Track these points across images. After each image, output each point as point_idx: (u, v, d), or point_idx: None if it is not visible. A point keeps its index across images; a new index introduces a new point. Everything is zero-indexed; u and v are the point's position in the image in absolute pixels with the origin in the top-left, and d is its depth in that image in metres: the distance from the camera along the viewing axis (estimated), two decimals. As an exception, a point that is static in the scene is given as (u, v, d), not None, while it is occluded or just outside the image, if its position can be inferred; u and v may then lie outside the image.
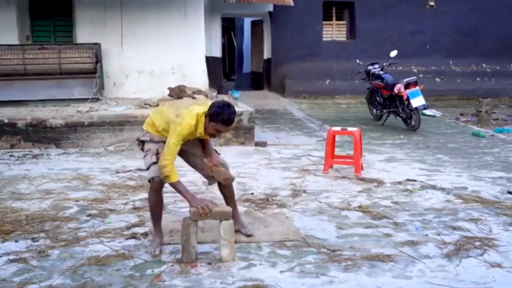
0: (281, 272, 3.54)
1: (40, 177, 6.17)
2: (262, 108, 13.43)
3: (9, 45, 9.43)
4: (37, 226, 4.41)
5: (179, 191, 3.82)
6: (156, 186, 3.89)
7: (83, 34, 10.12)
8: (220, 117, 3.66)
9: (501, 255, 3.85)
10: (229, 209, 3.87)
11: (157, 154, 3.87)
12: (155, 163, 3.84)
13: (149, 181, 3.91)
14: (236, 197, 5.24)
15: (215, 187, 4.82)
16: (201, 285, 3.33)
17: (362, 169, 6.62)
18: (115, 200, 5.26)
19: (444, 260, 3.77)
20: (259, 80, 17.53)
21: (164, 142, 3.83)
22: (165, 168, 3.68)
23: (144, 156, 3.98)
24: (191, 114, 3.73)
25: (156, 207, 3.96)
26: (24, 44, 9.84)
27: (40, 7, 10.33)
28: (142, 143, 4.02)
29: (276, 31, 16.06)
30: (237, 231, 4.03)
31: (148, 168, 3.91)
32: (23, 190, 5.61)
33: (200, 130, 3.77)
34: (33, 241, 4.05)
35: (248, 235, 4.14)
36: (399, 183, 6.05)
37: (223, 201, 4.26)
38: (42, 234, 4.21)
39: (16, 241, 4.03)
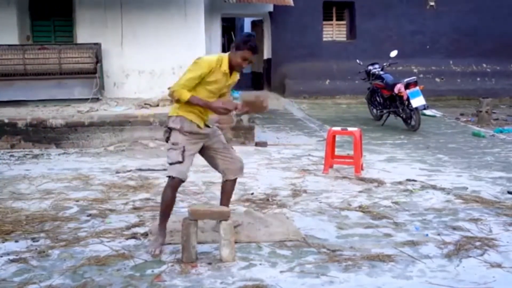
0: (281, 272, 3.54)
1: (40, 177, 6.17)
2: (262, 108, 13.42)
3: (9, 45, 9.43)
4: (37, 226, 4.41)
5: (197, 104, 3.86)
6: (175, 185, 3.89)
7: (83, 34, 10.12)
8: (248, 44, 3.83)
9: (501, 255, 3.85)
10: (228, 209, 3.87)
11: (184, 151, 3.85)
12: (180, 162, 3.83)
13: (168, 177, 3.89)
14: (236, 197, 5.27)
15: (215, 188, 4.83)
16: (201, 285, 3.33)
17: (362, 169, 6.62)
18: (115, 200, 5.26)
19: (444, 260, 3.77)
20: (259, 80, 17.53)
21: (194, 133, 3.88)
22: (174, 93, 3.82)
23: (169, 150, 3.91)
24: (211, 57, 3.90)
25: (168, 206, 3.94)
26: (24, 44, 9.85)
27: (40, 7, 10.34)
28: (169, 131, 3.94)
29: (276, 31, 16.06)
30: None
31: (171, 164, 3.86)
32: (23, 190, 5.61)
33: (224, 67, 3.87)
34: (33, 241, 4.04)
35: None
36: (399, 183, 6.05)
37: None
38: (42, 234, 4.21)
39: (16, 241, 4.03)
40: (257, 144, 8.53)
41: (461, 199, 5.38)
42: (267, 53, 16.74)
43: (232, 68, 3.93)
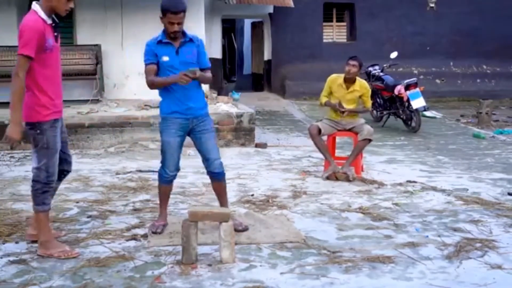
0: (281, 273, 3.53)
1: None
2: (263, 109, 13.45)
3: (9, 46, 9.43)
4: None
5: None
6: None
7: (83, 35, 10.12)
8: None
9: (502, 256, 3.85)
10: (228, 210, 3.87)
11: None
12: None
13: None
14: (236, 199, 5.27)
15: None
16: (201, 287, 3.33)
17: (362, 170, 6.62)
18: (115, 202, 5.26)
19: (445, 261, 3.76)
20: (259, 82, 17.54)
21: None
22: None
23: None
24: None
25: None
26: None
27: (41, 8, 10.34)
28: None
29: (277, 33, 16.07)
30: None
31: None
32: (23, 191, 5.60)
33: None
34: (34, 243, 4.04)
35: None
36: (400, 184, 6.05)
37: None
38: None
39: (17, 242, 4.03)
40: (257, 145, 8.52)
41: (462, 200, 5.38)
42: (267, 55, 16.74)
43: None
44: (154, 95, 10.36)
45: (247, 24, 19.46)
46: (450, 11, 16.26)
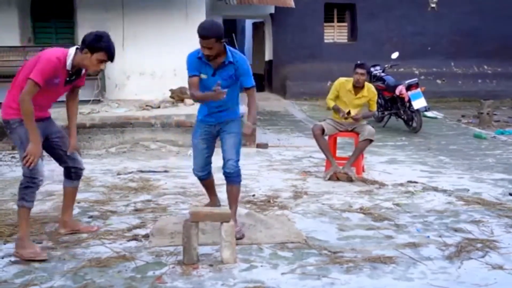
0: (282, 274, 3.53)
1: (41, 179, 6.16)
2: (263, 109, 13.44)
3: (10, 46, 9.44)
4: (39, 227, 4.41)
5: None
6: None
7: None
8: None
9: (503, 257, 3.84)
10: (228, 211, 3.86)
11: None
12: None
13: None
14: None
15: (217, 190, 4.82)
16: (202, 287, 3.33)
17: (363, 171, 6.62)
18: (117, 202, 5.26)
19: (446, 262, 3.76)
20: (260, 82, 17.53)
21: None
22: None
23: None
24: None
25: None
26: (25, 45, 9.85)
27: (42, 8, 10.35)
28: None
29: (278, 33, 16.08)
30: None
31: None
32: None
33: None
34: (36, 243, 4.04)
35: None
36: (401, 185, 6.05)
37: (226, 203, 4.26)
38: (43, 236, 4.22)
39: (18, 243, 4.03)
40: (258, 146, 8.52)
41: (463, 200, 5.37)
42: (268, 55, 16.74)
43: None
44: (155, 96, 10.38)
45: (248, 24, 19.46)
46: (451, 11, 16.25)
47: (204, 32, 3.97)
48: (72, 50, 3.85)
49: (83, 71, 4.01)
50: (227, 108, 4.35)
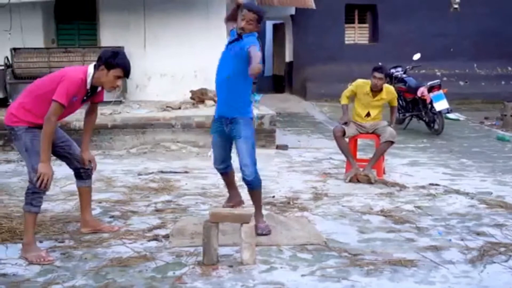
0: (302, 275, 3.53)
1: (64, 179, 6.22)
2: (284, 111, 13.43)
3: (35, 48, 9.59)
4: (61, 227, 4.47)
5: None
6: None
7: (107, 37, 10.24)
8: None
9: (527, 261, 3.79)
10: (249, 212, 3.87)
11: None
12: None
13: None
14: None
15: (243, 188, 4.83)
16: (222, 288, 3.34)
17: (384, 173, 6.57)
18: (137, 202, 5.30)
19: (468, 265, 3.71)
20: (280, 83, 17.53)
21: None
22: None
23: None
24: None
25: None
26: (49, 47, 10.00)
27: (65, 10, 10.49)
28: None
29: (298, 34, 16.05)
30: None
31: None
32: (47, 191, 5.67)
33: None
34: (59, 242, 4.10)
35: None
36: (422, 187, 5.99)
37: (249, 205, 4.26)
38: (66, 235, 4.27)
39: (41, 242, 4.09)
40: (278, 147, 8.52)
41: (485, 204, 5.30)
42: (288, 56, 16.71)
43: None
44: (176, 97, 10.44)
45: (269, 25, 19.46)
46: (474, 12, 16.02)
47: (254, 8, 4.38)
48: (91, 69, 3.92)
49: (99, 88, 4.03)
50: (232, 104, 4.25)
